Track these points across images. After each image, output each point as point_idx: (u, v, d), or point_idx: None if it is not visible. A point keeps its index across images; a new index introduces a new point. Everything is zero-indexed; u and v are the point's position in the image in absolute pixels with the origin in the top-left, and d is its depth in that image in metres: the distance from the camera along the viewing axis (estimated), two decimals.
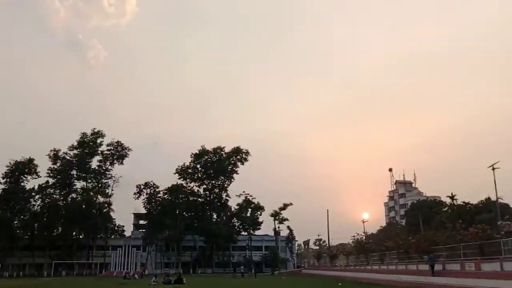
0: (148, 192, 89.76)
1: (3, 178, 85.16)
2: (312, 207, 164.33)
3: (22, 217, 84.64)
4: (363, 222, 69.70)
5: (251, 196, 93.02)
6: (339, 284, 37.83)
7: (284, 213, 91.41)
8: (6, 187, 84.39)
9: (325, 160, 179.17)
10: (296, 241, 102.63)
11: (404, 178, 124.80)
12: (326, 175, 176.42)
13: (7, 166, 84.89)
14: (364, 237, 62.79)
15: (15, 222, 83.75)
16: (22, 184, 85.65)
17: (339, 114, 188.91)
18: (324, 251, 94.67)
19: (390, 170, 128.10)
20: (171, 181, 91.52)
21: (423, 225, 64.13)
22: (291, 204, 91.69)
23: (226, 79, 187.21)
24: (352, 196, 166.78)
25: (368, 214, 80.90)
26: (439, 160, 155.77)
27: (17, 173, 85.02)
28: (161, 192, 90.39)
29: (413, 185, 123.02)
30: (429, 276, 29.76)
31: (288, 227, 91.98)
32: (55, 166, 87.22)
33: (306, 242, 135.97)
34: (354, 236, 59.72)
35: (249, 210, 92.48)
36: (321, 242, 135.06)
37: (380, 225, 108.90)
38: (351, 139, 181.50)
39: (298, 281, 45.10)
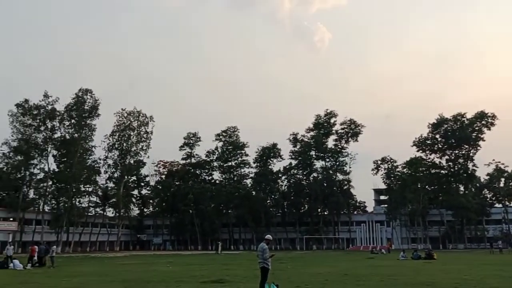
0: (386, 167, 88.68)
1: (254, 163, 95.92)
2: None
3: (273, 196, 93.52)
4: None
5: (503, 164, 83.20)
6: None
7: None
8: (257, 170, 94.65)
9: None
10: None
11: None
12: None
13: (256, 152, 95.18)
14: None
15: (268, 201, 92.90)
16: (269, 167, 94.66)
17: None
18: None
19: None
20: (408, 154, 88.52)
21: None
22: None
23: (461, 42, 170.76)
24: None
25: None
26: None
27: (264, 158, 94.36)
28: (400, 166, 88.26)
29: None
30: None
31: None
32: (296, 149, 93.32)
33: None
34: None
35: (502, 179, 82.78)
36: None
37: None
38: None
39: None
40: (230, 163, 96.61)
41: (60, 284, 18.49)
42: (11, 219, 70.76)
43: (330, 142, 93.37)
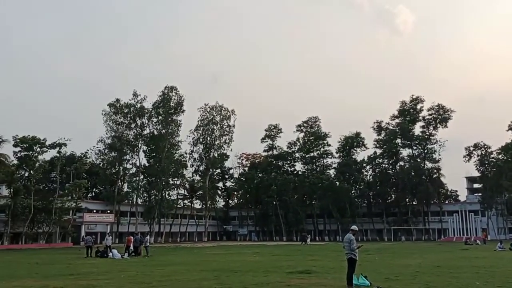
0: (479, 154, 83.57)
1: (336, 152, 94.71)
2: None
3: (357, 186, 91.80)
4: None
5: None
6: None
7: None
8: (340, 160, 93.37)
9: None
10: None
11: None
12: None
13: (339, 142, 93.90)
14: None
15: (352, 191, 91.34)
16: (353, 156, 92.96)
17: None
18: None
19: None
20: (503, 139, 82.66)
21: None
22: None
23: None
24: None
25: None
26: None
27: (347, 147, 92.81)
28: (495, 152, 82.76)
29: None
30: None
31: None
32: (380, 137, 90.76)
33: None
34: None
35: None
36: None
37: None
38: None
39: None
40: (312, 154, 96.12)
41: (155, 272, 19.49)
42: (109, 211, 75.90)
43: (417, 129, 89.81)
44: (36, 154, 63.40)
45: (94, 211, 74.27)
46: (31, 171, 63.32)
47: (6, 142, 60.92)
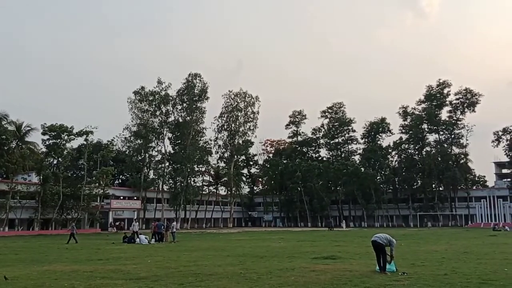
0: (508, 138, 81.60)
1: (361, 138, 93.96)
2: None
3: (383, 172, 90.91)
4: None
5: None
6: None
7: None
8: (366, 146, 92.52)
9: None
10: None
11: None
12: None
13: (363, 128, 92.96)
14: None
15: (378, 177, 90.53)
16: (378, 142, 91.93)
17: None
18: None
19: None
20: None
21: None
22: None
23: None
24: None
25: None
26: None
27: (372, 133, 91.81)
28: None
29: None
30: None
31: None
32: (406, 122, 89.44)
33: None
34: None
35: None
36: None
37: None
38: None
39: None
40: (337, 140, 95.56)
41: (181, 258, 19.78)
42: (135, 198, 77.15)
43: (444, 114, 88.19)
44: (64, 142, 64.37)
45: (121, 197, 75.56)
46: (59, 159, 64.66)
47: (35, 130, 62.57)
